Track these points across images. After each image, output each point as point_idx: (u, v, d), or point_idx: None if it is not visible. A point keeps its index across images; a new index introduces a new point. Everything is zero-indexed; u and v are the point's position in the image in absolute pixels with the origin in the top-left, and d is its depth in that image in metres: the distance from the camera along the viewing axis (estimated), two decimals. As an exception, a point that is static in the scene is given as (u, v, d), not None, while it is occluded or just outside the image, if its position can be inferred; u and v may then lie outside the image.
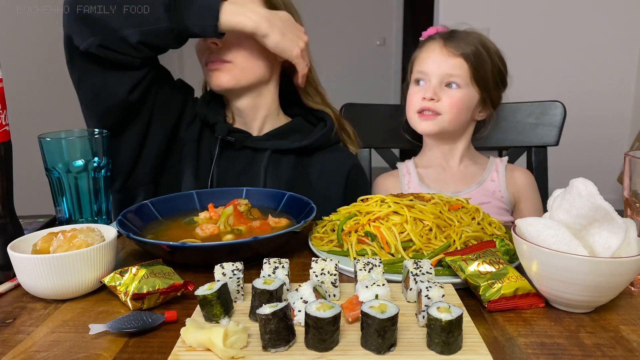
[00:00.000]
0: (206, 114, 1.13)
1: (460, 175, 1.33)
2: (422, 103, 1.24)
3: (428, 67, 1.24)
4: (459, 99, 1.23)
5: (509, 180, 1.31)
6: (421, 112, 1.25)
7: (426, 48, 1.27)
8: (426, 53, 1.26)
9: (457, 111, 1.23)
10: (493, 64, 1.26)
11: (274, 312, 0.51)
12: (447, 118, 1.23)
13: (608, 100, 3.32)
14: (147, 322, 0.58)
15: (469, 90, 1.23)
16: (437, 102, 1.22)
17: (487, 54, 1.25)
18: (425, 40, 1.30)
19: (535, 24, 3.21)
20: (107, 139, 0.91)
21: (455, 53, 1.22)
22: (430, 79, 1.23)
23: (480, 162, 1.35)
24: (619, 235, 0.60)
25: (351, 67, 5.02)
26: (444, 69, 1.22)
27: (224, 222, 0.85)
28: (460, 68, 1.22)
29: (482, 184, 1.30)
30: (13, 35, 2.59)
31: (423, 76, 1.25)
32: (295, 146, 1.12)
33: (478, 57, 1.23)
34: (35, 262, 0.64)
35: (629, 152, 0.69)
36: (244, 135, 1.13)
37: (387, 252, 0.76)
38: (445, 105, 1.22)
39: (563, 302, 0.62)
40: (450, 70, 1.22)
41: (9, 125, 0.74)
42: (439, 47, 1.25)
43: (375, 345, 0.51)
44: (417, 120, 1.26)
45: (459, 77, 1.22)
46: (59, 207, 0.90)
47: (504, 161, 1.35)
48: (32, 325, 0.61)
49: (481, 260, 0.67)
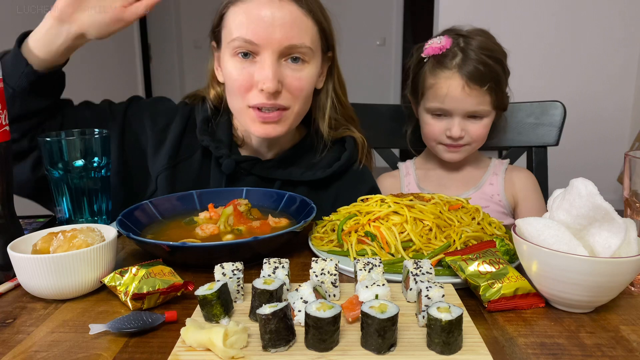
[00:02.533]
0: (209, 144, 1.02)
1: (461, 179, 1.32)
2: (448, 140, 1.22)
3: (450, 106, 1.19)
4: (485, 126, 1.22)
5: (508, 183, 1.30)
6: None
7: (442, 82, 1.19)
8: (445, 89, 1.18)
9: (483, 138, 1.25)
10: (505, 75, 1.22)
11: (274, 312, 0.51)
12: (475, 146, 1.25)
13: (608, 100, 3.33)
14: (147, 322, 0.58)
15: (492, 114, 1.22)
16: (463, 137, 1.22)
17: (502, 68, 1.20)
18: (436, 67, 1.21)
19: (536, 23, 3.21)
20: (107, 139, 0.91)
21: (478, 90, 1.17)
22: (453, 116, 1.21)
23: (482, 166, 1.34)
24: (619, 235, 0.60)
25: (351, 67, 5.00)
26: (468, 107, 1.18)
27: (224, 222, 0.85)
28: (484, 102, 1.19)
29: (481, 187, 1.30)
30: (13, 35, 2.59)
31: (444, 112, 1.22)
32: (308, 179, 1.04)
33: (497, 82, 1.18)
34: (35, 262, 0.64)
35: (629, 152, 0.69)
36: (252, 162, 1.04)
37: (387, 252, 0.76)
38: (473, 137, 1.22)
39: (563, 302, 0.62)
40: (476, 107, 1.19)
41: (9, 125, 0.74)
42: (459, 81, 1.17)
43: (375, 345, 0.51)
44: (442, 150, 1.26)
45: (483, 111, 1.20)
46: (59, 207, 0.90)
47: (504, 163, 1.34)
48: (32, 325, 0.61)
49: (481, 260, 0.67)
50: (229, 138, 1.06)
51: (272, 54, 0.91)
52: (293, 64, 0.94)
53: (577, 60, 3.25)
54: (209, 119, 1.07)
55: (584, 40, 3.23)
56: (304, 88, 0.96)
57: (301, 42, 0.93)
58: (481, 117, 1.21)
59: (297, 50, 0.93)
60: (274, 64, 0.92)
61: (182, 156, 1.06)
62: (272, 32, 0.90)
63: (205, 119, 1.06)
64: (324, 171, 1.05)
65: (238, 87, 0.94)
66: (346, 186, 1.09)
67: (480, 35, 1.21)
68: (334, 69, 1.07)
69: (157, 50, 4.58)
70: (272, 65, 0.91)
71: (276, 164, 1.05)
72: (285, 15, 0.91)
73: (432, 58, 1.22)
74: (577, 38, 3.22)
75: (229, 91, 0.99)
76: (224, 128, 1.07)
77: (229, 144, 1.05)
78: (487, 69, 1.16)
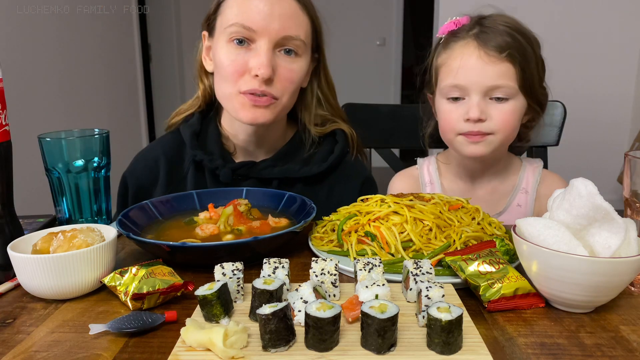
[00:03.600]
0: (202, 157, 1.03)
1: (486, 201, 1.13)
2: (467, 125, 1.01)
3: (465, 80, 0.99)
4: (511, 112, 1.00)
5: (539, 202, 1.10)
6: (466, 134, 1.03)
7: (456, 51, 1.02)
8: (458, 59, 1.01)
9: (510, 128, 1.02)
10: (537, 58, 1.03)
11: (274, 312, 0.51)
12: (500, 138, 1.02)
13: (608, 100, 3.33)
14: (147, 322, 0.58)
15: (519, 97, 1.01)
16: (485, 121, 1.01)
17: (529, 44, 1.01)
18: (450, 40, 1.04)
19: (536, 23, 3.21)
20: (106, 138, 0.91)
21: (498, 56, 0.98)
22: (470, 94, 1.00)
23: (510, 180, 1.15)
24: (619, 235, 0.60)
25: (351, 67, 5.02)
26: (487, 81, 0.98)
27: (224, 222, 0.85)
28: (507, 76, 0.98)
29: (507, 209, 1.12)
30: (13, 35, 2.59)
31: (459, 91, 1.02)
32: (305, 175, 1.05)
33: (523, 55, 0.99)
34: (35, 262, 0.64)
35: (629, 152, 0.69)
36: (247, 166, 1.05)
37: (387, 252, 0.76)
38: (497, 123, 1.00)
39: (563, 302, 0.62)
40: (496, 81, 0.98)
41: (9, 125, 0.74)
42: (474, 49, 0.99)
43: (375, 345, 0.51)
44: (462, 143, 1.04)
45: (506, 86, 0.99)
46: (59, 207, 0.90)
47: (535, 175, 1.13)
48: (32, 325, 0.61)
49: (481, 260, 0.67)
50: (220, 147, 1.07)
51: (268, 42, 0.94)
52: (286, 56, 0.97)
53: (577, 61, 3.24)
54: (197, 133, 1.08)
55: (584, 40, 3.23)
56: (295, 80, 0.99)
57: (297, 34, 0.96)
58: (505, 100, 1.00)
59: (291, 42, 0.96)
60: (269, 51, 0.95)
61: (176, 180, 1.08)
62: (270, 21, 0.94)
63: (193, 134, 1.07)
64: (320, 165, 1.07)
65: (231, 72, 0.96)
66: (339, 179, 1.10)
67: (506, 16, 1.06)
68: (321, 70, 1.09)
69: (157, 50, 4.58)
70: (267, 52, 0.94)
71: (272, 164, 1.06)
72: (284, 7, 0.95)
73: (447, 34, 1.07)
74: (577, 38, 3.22)
75: (220, 77, 1.00)
76: (214, 138, 1.08)
77: (221, 154, 1.06)
78: (510, 38, 0.99)
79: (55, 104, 2.94)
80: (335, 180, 1.10)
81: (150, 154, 1.12)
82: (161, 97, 4.57)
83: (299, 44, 0.97)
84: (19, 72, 2.58)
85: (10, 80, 1.93)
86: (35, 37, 2.75)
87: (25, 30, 2.68)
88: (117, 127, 3.53)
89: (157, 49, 4.57)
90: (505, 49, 0.98)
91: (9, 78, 1.88)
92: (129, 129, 3.89)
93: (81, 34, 3.19)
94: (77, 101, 3.16)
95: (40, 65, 2.80)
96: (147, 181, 1.09)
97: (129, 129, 3.90)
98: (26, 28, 2.68)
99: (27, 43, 2.70)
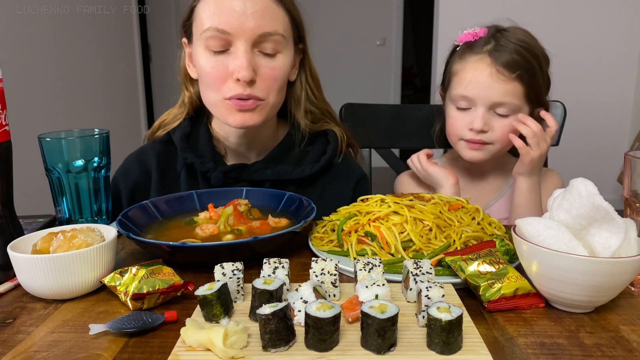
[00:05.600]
0: (193, 160, 1.02)
1: (488, 188, 1.23)
2: (470, 134, 1.12)
3: (474, 93, 1.09)
4: (511, 125, 1.10)
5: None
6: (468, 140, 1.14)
7: (469, 64, 1.11)
8: (470, 73, 1.09)
9: (508, 139, 1.12)
10: (543, 76, 1.12)
11: (274, 312, 0.51)
12: (498, 147, 1.13)
13: (608, 100, 3.33)
14: (147, 322, 0.58)
15: (521, 111, 1.11)
16: (486, 132, 1.11)
17: (538, 65, 1.09)
18: (466, 51, 1.13)
19: (536, 24, 3.20)
20: (106, 139, 0.91)
21: (508, 75, 1.06)
22: (476, 105, 1.10)
23: (508, 169, 1.23)
24: (619, 235, 0.60)
25: (351, 67, 5.02)
26: (494, 97, 1.08)
27: (224, 222, 0.85)
28: (512, 94, 1.07)
29: (503, 196, 1.22)
30: (13, 35, 2.59)
31: (467, 102, 1.11)
32: (297, 176, 1.04)
33: (532, 74, 1.08)
34: (35, 262, 0.64)
35: (629, 152, 0.69)
36: (239, 169, 1.03)
37: (387, 252, 0.76)
38: (498, 135, 1.11)
39: (563, 302, 0.62)
40: (502, 98, 1.07)
41: (9, 125, 0.74)
42: (486, 66, 1.08)
43: (375, 345, 0.51)
44: (463, 147, 1.15)
45: (511, 104, 1.08)
46: (59, 207, 0.90)
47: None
48: (32, 325, 0.61)
49: (481, 260, 0.67)
50: (212, 150, 1.05)
51: (245, 42, 0.92)
52: (266, 54, 0.95)
53: (577, 61, 3.25)
54: (187, 135, 1.07)
55: (584, 41, 3.23)
56: (278, 78, 0.97)
57: (274, 30, 0.94)
58: (509, 115, 1.09)
59: (270, 39, 0.94)
60: (247, 52, 0.92)
61: (168, 183, 1.07)
62: (244, 20, 0.91)
63: (184, 136, 1.06)
64: (313, 166, 1.05)
65: (213, 79, 0.95)
66: (331, 180, 1.09)
67: (521, 31, 1.13)
68: (306, 61, 1.07)
69: (157, 50, 4.58)
70: (245, 53, 0.92)
71: (263, 166, 1.05)
72: (257, 4, 0.92)
73: (464, 45, 1.14)
74: (577, 38, 3.22)
75: (204, 85, 0.99)
76: (204, 140, 1.06)
77: (212, 156, 1.04)
78: (521, 58, 1.06)
79: (56, 104, 2.94)
80: (327, 181, 1.09)
81: (142, 156, 1.10)
82: (161, 97, 4.57)
83: (278, 39, 0.94)
84: (18, 72, 2.58)
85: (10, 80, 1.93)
86: (35, 37, 2.75)
87: (25, 30, 2.68)
88: (117, 127, 3.52)
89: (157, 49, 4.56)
90: (516, 70, 1.06)
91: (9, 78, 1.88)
92: (129, 129, 3.89)
93: (81, 34, 3.19)
94: (77, 101, 3.16)
95: (40, 65, 2.80)
96: (140, 183, 1.07)
97: (129, 129, 3.90)
98: (26, 28, 2.68)
99: (27, 43, 2.70)
